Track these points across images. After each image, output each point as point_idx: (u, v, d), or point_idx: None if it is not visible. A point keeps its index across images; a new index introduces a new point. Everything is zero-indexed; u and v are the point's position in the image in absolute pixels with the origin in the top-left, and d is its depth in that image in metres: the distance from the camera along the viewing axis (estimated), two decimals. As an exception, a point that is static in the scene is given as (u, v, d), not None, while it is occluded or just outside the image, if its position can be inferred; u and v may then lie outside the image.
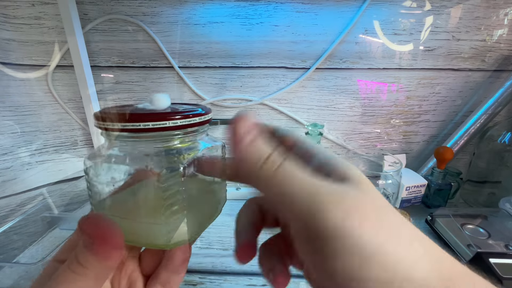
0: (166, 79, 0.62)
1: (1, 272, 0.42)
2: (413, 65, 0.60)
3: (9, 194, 0.58)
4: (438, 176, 0.60)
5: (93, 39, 0.58)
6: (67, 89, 0.62)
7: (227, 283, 0.44)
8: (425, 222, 0.56)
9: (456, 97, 0.63)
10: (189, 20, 0.57)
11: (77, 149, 0.67)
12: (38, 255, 0.48)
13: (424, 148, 0.68)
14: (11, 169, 0.58)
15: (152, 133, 0.17)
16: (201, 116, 0.19)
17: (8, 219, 0.56)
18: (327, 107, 0.64)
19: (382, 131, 0.67)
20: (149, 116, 0.17)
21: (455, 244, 0.48)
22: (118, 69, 0.61)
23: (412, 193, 0.60)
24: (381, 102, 0.64)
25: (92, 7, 0.56)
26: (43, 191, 0.63)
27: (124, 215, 0.18)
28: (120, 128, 0.17)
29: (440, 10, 0.56)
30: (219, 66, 0.61)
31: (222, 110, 0.65)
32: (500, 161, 0.59)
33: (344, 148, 0.68)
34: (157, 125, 0.16)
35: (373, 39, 0.58)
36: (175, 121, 0.17)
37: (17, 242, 0.49)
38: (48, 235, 0.53)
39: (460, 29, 0.57)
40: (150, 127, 0.16)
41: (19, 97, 0.58)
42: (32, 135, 0.61)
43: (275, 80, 0.62)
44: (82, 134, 0.66)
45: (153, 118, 0.16)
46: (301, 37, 0.58)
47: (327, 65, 0.60)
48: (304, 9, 0.56)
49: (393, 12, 0.56)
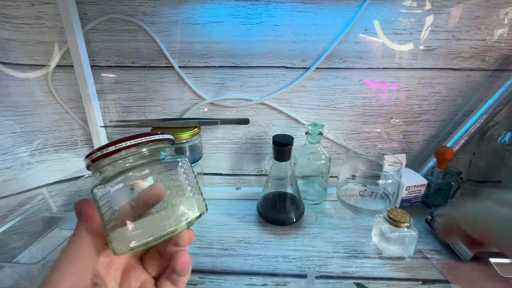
0: (166, 78, 0.62)
1: (1, 272, 0.42)
2: (413, 64, 0.60)
3: (9, 194, 0.58)
4: (438, 176, 0.60)
5: (93, 39, 0.58)
6: (67, 88, 0.62)
7: (227, 283, 0.44)
8: (425, 222, 0.56)
9: (456, 97, 0.63)
10: (189, 20, 0.57)
11: (77, 149, 0.67)
12: (38, 255, 0.48)
13: (424, 147, 0.68)
14: (11, 169, 0.58)
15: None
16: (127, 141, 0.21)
17: (8, 219, 0.56)
18: (327, 107, 0.64)
19: (382, 130, 0.67)
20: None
21: (455, 244, 0.48)
22: (118, 69, 0.61)
23: (412, 192, 0.60)
24: (381, 101, 0.64)
25: (92, 7, 0.56)
26: (43, 191, 0.63)
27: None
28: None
29: (440, 9, 0.56)
30: (219, 65, 0.61)
31: (222, 110, 0.65)
32: (500, 160, 0.59)
33: (344, 148, 0.68)
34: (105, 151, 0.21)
35: (373, 39, 0.58)
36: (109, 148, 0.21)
37: (17, 242, 0.49)
38: (48, 235, 0.53)
39: (460, 29, 0.57)
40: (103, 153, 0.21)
41: (19, 97, 0.58)
42: (32, 135, 0.61)
43: (275, 80, 0.62)
44: (82, 134, 0.66)
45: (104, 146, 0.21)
46: (301, 36, 0.58)
47: (327, 64, 0.60)
48: (304, 8, 0.56)
49: (393, 12, 0.56)
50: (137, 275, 0.24)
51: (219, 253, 0.50)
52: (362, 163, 0.67)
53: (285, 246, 0.52)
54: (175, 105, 0.65)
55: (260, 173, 0.71)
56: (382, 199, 0.59)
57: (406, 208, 0.61)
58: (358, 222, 0.58)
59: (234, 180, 0.71)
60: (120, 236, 0.20)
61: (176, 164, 0.23)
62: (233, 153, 0.69)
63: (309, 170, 0.63)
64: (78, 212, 0.21)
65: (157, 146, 0.23)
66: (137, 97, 0.64)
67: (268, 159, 0.69)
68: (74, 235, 0.21)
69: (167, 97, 0.64)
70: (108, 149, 0.21)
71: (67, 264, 0.19)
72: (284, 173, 0.56)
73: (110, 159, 0.21)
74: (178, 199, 0.22)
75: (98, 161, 0.21)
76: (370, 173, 0.58)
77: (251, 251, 0.51)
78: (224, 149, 0.68)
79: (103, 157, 0.21)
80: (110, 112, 0.65)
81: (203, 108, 0.65)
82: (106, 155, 0.21)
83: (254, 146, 0.68)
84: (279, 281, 0.44)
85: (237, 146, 0.68)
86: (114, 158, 0.21)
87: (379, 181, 0.56)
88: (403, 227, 0.47)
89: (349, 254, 0.50)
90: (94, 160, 0.21)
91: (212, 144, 0.68)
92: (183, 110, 0.65)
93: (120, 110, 0.65)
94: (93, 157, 0.21)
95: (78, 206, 0.21)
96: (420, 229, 0.54)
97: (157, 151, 0.23)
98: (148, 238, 0.20)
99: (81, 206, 0.21)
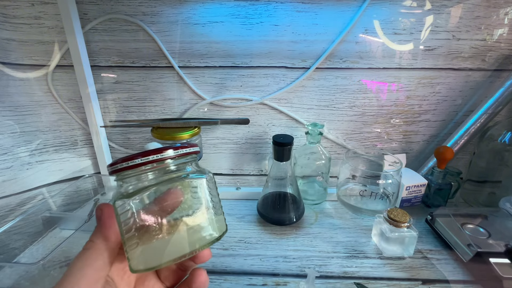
0: (166, 78, 0.62)
1: (1, 272, 0.42)
2: (413, 64, 0.60)
3: (9, 194, 0.58)
4: (438, 176, 0.60)
5: (93, 38, 0.58)
6: (67, 88, 0.62)
7: (227, 283, 0.44)
8: (425, 222, 0.56)
9: (456, 97, 0.63)
10: (189, 20, 0.57)
11: (77, 149, 0.67)
12: (38, 255, 0.48)
13: (424, 147, 0.68)
14: (11, 169, 0.58)
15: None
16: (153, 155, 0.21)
17: (8, 219, 0.56)
18: (327, 107, 0.64)
19: (382, 130, 0.67)
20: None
21: (455, 244, 0.48)
22: (118, 69, 0.61)
23: (412, 192, 0.60)
24: (381, 101, 0.64)
25: (92, 7, 0.56)
26: (43, 191, 0.63)
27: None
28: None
29: (441, 9, 0.56)
30: (219, 65, 0.61)
31: (222, 110, 0.65)
32: (500, 160, 0.59)
33: (344, 147, 0.68)
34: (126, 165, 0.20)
35: (373, 39, 0.58)
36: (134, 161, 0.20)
37: (17, 242, 0.49)
38: (48, 235, 0.53)
39: (461, 29, 0.57)
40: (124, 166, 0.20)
41: (19, 97, 0.58)
42: (32, 135, 0.61)
43: (275, 80, 0.62)
44: (82, 134, 0.66)
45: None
46: (301, 36, 0.58)
47: (327, 64, 0.60)
48: (304, 8, 0.56)
49: (393, 12, 0.56)
50: (151, 284, 0.24)
51: (219, 253, 0.50)
52: (362, 163, 0.67)
53: (285, 246, 0.52)
54: (175, 105, 0.65)
55: (260, 173, 0.71)
56: (382, 199, 0.59)
57: (406, 208, 0.61)
58: (358, 222, 0.58)
59: (234, 180, 0.71)
60: (139, 255, 0.20)
61: (201, 182, 0.23)
62: (233, 153, 0.69)
63: (309, 170, 0.63)
64: (97, 217, 0.21)
65: (183, 160, 0.22)
66: (137, 97, 0.64)
67: (268, 159, 0.69)
68: (91, 241, 0.20)
69: (167, 97, 0.64)
70: (134, 161, 0.20)
71: (80, 272, 0.19)
72: (284, 173, 0.56)
73: (135, 171, 0.21)
74: (200, 219, 0.22)
75: (121, 172, 0.21)
76: (370, 173, 0.58)
77: (251, 251, 0.51)
78: (224, 149, 0.68)
79: (127, 169, 0.20)
80: (110, 112, 0.65)
81: (203, 108, 0.65)
82: (131, 167, 0.20)
83: (254, 146, 0.68)
84: (279, 281, 0.44)
85: (237, 146, 0.68)
86: (138, 171, 0.21)
87: (379, 181, 0.56)
88: (403, 227, 0.47)
89: (349, 254, 0.50)
90: (118, 170, 0.20)
91: (212, 144, 0.68)
92: (183, 110, 0.65)
93: (120, 110, 0.65)
94: (117, 167, 0.20)
95: (99, 211, 0.21)
96: (420, 229, 0.54)
97: (183, 165, 0.22)
98: (167, 259, 0.20)
99: (101, 211, 0.21)
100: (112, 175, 0.21)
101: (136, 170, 0.20)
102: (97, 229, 0.21)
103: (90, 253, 0.20)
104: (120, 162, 0.20)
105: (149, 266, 0.20)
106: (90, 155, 0.69)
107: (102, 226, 0.21)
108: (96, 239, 0.21)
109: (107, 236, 0.21)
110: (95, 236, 0.21)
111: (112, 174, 0.21)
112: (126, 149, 0.69)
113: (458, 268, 0.46)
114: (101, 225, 0.21)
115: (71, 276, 0.19)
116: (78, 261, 0.19)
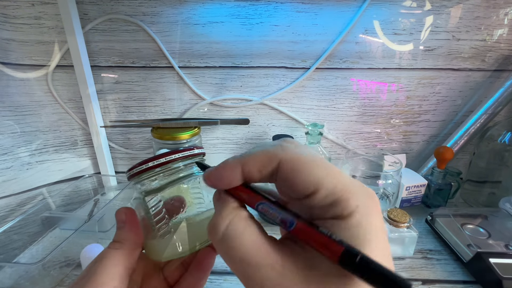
0: (166, 79, 0.62)
1: (1, 272, 0.42)
2: (413, 65, 0.60)
3: (9, 194, 0.58)
4: (438, 176, 0.60)
5: (93, 39, 0.58)
6: (67, 89, 0.62)
7: (227, 283, 0.44)
8: (425, 222, 0.56)
9: (456, 97, 0.63)
10: (189, 20, 0.57)
11: (77, 149, 0.67)
12: (38, 255, 0.48)
13: (424, 148, 0.68)
14: (11, 169, 0.58)
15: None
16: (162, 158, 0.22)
17: (8, 219, 0.56)
18: (327, 107, 0.64)
19: (382, 131, 0.67)
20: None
21: (455, 244, 0.48)
22: (118, 69, 0.61)
23: (412, 193, 0.60)
24: (381, 102, 0.64)
25: (92, 7, 0.56)
26: (43, 191, 0.63)
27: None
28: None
29: (440, 10, 0.56)
30: (219, 66, 0.61)
31: (222, 110, 0.65)
32: (500, 161, 0.59)
33: (344, 148, 0.68)
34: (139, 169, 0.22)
35: (373, 39, 0.58)
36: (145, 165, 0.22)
37: (17, 242, 0.49)
38: (48, 235, 0.53)
39: (460, 29, 0.57)
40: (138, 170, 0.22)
41: (19, 97, 0.58)
42: (32, 135, 0.61)
43: (275, 80, 0.62)
44: (82, 134, 0.66)
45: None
46: (301, 37, 0.58)
47: (327, 65, 0.60)
48: (304, 9, 0.56)
49: (393, 12, 0.56)
50: (157, 282, 0.24)
51: (219, 253, 0.50)
52: (362, 163, 0.67)
53: (285, 246, 0.52)
54: (175, 105, 0.65)
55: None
56: (382, 199, 0.59)
57: (406, 208, 0.61)
58: (358, 222, 0.58)
59: (234, 180, 0.71)
60: (169, 242, 0.21)
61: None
62: (233, 153, 0.69)
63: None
64: (121, 220, 0.22)
65: (195, 160, 0.25)
66: (137, 97, 0.64)
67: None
68: (117, 242, 0.21)
69: (167, 97, 0.64)
70: (159, 160, 0.22)
71: (112, 269, 0.19)
72: (284, 173, 0.56)
73: (163, 168, 0.22)
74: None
75: (145, 172, 0.22)
76: (370, 173, 0.58)
77: (251, 251, 0.51)
78: (224, 149, 0.68)
79: (153, 168, 0.22)
80: (110, 112, 0.65)
81: (203, 108, 0.65)
82: (157, 166, 0.22)
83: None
84: (279, 281, 0.44)
85: (237, 146, 0.68)
86: (164, 169, 0.22)
87: (379, 181, 0.56)
88: (403, 227, 0.47)
89: (349, 254, 0.50)
90: (143, 170, 0.22)
91: (212, 144, 0.68)
92: (183, 110, 0.65)
93: (120, 110, 0.65)
94: (142, 167, 0.22)
95: (121, 214, 0.22)
96: (420, 229, 0.54)
97: (191, 165, 0.25)
98: (197, 243, 0.22)
99: (125, 214, 0.22)
100: (135, 176, 0.22)
101: (163, 167, 0.22)
102: (123, 230, 0.22)
103: (121, 253, 0.20)
104: (145, 163, 0.22)
105: (179, 251, 0.21)
106: (90, 155, 0.69)
107: (129, 228, 0.22)
108: (124, 240, 0.21)
109: (135, 236, 0.21)
110: (121, 237, 0.21)
111: (136, 176, 0.22)
112: (126, 149, 0.69)
113: (458, 268, 0.46)
114: (128, 227, 0.22)
115: (100, 274, 0.19)
116: (108, 260, 0.20)
